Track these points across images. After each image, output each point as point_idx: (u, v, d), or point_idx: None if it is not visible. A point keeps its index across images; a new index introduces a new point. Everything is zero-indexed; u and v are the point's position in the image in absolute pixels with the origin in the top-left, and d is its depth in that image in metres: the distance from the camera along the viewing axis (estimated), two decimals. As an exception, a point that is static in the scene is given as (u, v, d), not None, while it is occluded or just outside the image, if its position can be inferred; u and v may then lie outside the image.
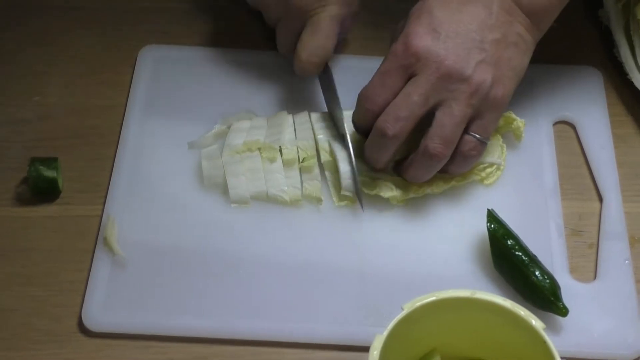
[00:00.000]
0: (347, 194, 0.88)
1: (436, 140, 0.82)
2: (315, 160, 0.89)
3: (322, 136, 0.91)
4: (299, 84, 0.98)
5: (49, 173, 0.88)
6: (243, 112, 0.94)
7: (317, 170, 0.89)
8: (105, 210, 0.88)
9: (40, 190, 0.89)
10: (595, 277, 0.86)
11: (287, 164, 0.89)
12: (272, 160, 0.89)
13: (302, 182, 0.89)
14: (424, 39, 0.81)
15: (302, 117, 0.93)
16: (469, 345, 0.77)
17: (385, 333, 0.70)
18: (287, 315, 0.82)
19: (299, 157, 0.90)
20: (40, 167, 0.88)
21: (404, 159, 0.87)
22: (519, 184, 0.91)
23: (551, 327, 0.82)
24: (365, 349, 0.81)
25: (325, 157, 0.90)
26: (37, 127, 0.95)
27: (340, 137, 0.90)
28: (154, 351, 0.81)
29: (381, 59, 0.85)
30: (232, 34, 1.03)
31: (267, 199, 0.89)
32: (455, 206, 0.89)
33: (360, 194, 0.88)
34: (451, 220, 0.88)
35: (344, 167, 0.88)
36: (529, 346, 0.72)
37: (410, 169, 0.86)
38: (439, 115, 0.82)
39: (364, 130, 0.86)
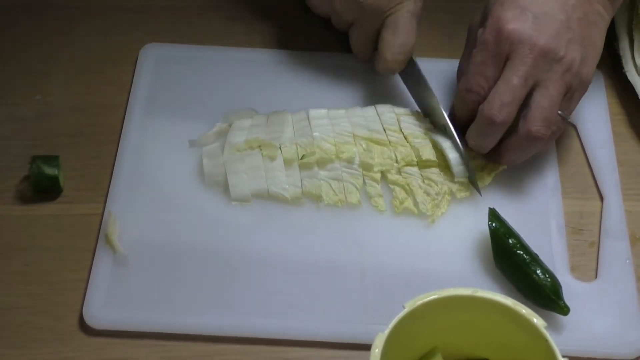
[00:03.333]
0: (462, 179, 0.88)
1: (538, 123, 0.83)
2: (314, 157, 0.89)
3: (318, 134, 0.91)
4: (299, 83, 0.98)
5: (50, 171, 0.88)
6: (244, 110, 0.94)
7: (316, 168, 0.89)
8: (106, 209, 0.88)
9: (42, 188, 0.89)
10: (596, 276, 0.86)
11: (287, 162, 0.89)
12: (272, 158, 0.90)
13: (301, 179, 0.89)
14: (514, 22, 0.82)
15: (301, 114, 0.93)
16: (471, 344, 0.77)
17: (387, 331, 0.70)
18: (288, 313, 0.83)
19: (298, 154, 0.90)
20: (42, 164, 0.88)
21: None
22: (520, 182, 0.91)
23: (552, 325, 0.82)
24: (367, 347, 0.81)
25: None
26: (39, 126, 0.95)
27: (441, 128, 0.90)
28: (156, 349, 0.81)
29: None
30: (232, 32, 1.03)
31: (268, 197, 0.89)
32: (456, 205, 0.89)
33: (475, 180, 0.89)
34: (452, 218, 0.88)
35: (453, 154, 0.89)
36: (531, 344, 0.72)
37: (510, 153, 0.87)
38: (538, 97, 0.83)
39: (465, 121, 0.87)
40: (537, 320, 0.71)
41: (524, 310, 0.72)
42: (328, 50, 1.01)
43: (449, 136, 0.89)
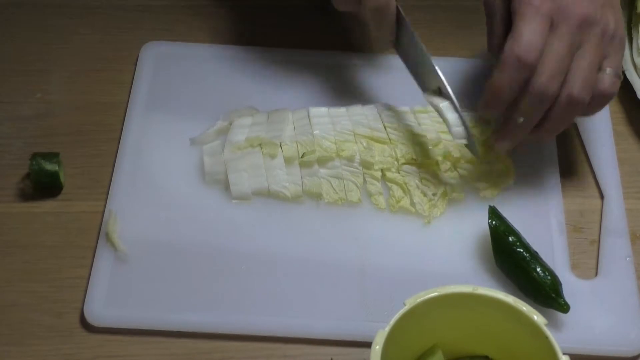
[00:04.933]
0: (461, 141, 0.87)
1: (579, 85, 0.81)
2: (315, 155, 0.89)
3: (319, 132, 0.91)
4: (299, 81, 0.98)
5: (51, 167, 0.88)
6: (245, 109, 0.94)
7: (316, 166, 0.89)
8: (107, 206, 0.88)
9: (42, 185, 0.89)
10: (596, 274, 0.86)
11: (287, 160, 0.89)
12: (273, 157, 0.90)
13: (302, 178, 0.89)
14: None
15: (301, 113, 0.93)
16: (471, 341, 0.78)
17: (387, 328, 0.70)
18: (288, 310, 0.83)
19: (298, 152, 0.90)
20: (42, 161, 0.88)
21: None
22: (521, 180, 0.91)
23: (552, 323, 0.82)
24: (367, 345, 0.81)
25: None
26: (39, 124, 0.96)
27: (436, 90, 0.88)
28: (156, 346, 0.81)
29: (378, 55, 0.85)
30: (233, 31, 1.03)
31: (269, 195, 0.89)
32: (456, 203, 0.89)
33: (474, 143, 0.88)
34: (453, 216, 0.88)
35: (451, 115, 0.87)
36: (531, 342, 0.72)
37: (549, 125, 0.84)
38: (577, 60, 0.82)
39: (510, 91, 0.82)
40: (537, 318, 0.71)
41: (524, 307, 0.72)
42: (328, 49, 1.01)
43: (446, 97, 0.88)
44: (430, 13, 1.04)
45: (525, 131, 0.85)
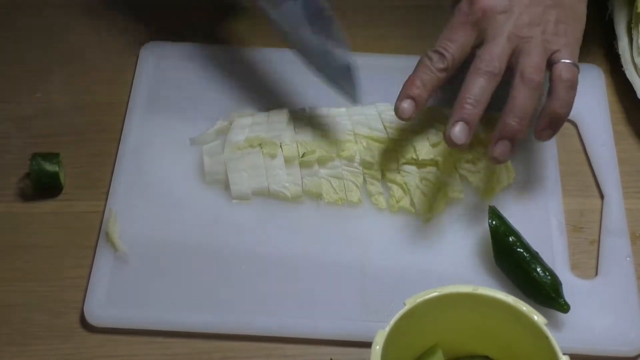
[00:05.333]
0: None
1: (529, 69, 0.82)
2: (315, 155, 0.89)
3: (319, 132, 0.91)
4: (299, 81, 0.98)
5: (51, 167, 0.88)
6: (244, 109, 0.94)
7: (316, 166, 0.90)
8: (107, 206, 0.88)
9: (42, 185, 0.89)
10: (596, 274, 0.86)
11: (287, 160, 0.90)
12: (273, 157, 0.90)
13: (302, 178, 0.89)
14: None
15: (301, 113, 0.93)
16: (471, 341, 0.78)
17: (388, 328, 0.70)
18: (288, 310, 0.83)
19: (298, 152, 0.90)
20: (42, 161, 0.88)
21: None
22: (521, 180, 0.91)
23: (552, 323, 0.82)
24: (367, 345, 0.81)
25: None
26: (39, 124, 0.96)
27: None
28: (156, 346, 0.81)
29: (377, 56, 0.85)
30: (233, 31, 1.03)
31: (269, 195, 0.89)
32: (457, 203, 0.89)
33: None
34: (453, 216, 0.88)
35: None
36: (531, 342, 0.72)
37: (515, 100, 0.83)
38: (521, 58, 0.83)
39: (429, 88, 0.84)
40: (537, 318, 0.71)
41: (524, 307, 0.72)
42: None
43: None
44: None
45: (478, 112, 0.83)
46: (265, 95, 0.97)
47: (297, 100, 0.95)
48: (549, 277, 0.82)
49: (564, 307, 0.81)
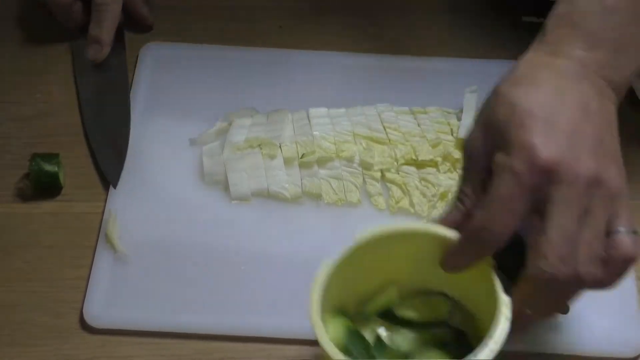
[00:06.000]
0: None
1: (587, 264, 0.67)
2: (314, 156, 0.89)
3: (318, 133, 0.91)
4: (299, 82, 0.98)
5: (50, 167, 0.88)
6: (244, 109, 0.95)
7: (316, 167, 0.90)
8: (106, 207, 0.88)
9: (42, 185, 0.89)
10: (595, 275, 0.86)
11: (287, 161, 0.90)
12: (272, 157, 0.90)
13: (301, 178, 0.89)
14: (548, 147, 0.66)
15: (301, 113, 0.93)
16: (428, 277, 0.76)
17: (333, 261, 0.71)
18: (287, 311, 0.82)
19: (298, 153, 0.90)
20: (42, 161, 0.88)
21: None
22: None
23: (551, 324, 0.82)
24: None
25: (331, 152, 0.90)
26: (39, 124, 0.96)
27: None
28: (156, 347, 0.81)
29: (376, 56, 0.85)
30: (233, 31, 1.03)
31: (268, 196, 0.89)
32: (456, 203, 0.89)
33: None
34: (452, 217, 0.88)
35: None
36: (479, 280, 0.72)
37: (559, 302, 0.72)
38: (583, 231, 0.67)
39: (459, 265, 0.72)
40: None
41: None
42: (328, 50, 1.01)
43: None
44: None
45: (536, 318, 0.72)
46: (264, 95, 0.97)
47: (296, 101, 0.95)
48: (549, 278, 0.82)
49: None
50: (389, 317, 0.78)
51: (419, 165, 0.90)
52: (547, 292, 0.68)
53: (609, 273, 0.69)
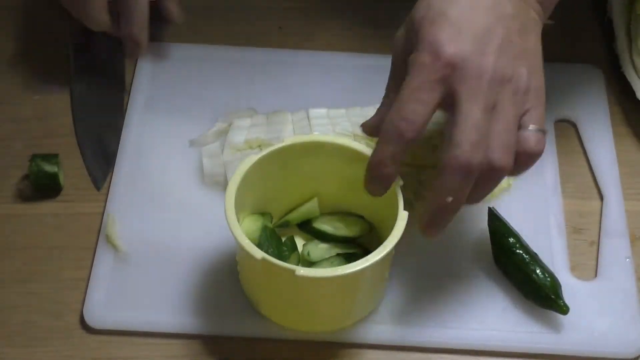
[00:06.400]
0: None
1: (498, 151, 0.72)
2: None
3: (318, 133, 0.91)
4: (299, 82, 0.98)
5: (50, 168, 0.88)
6: (244, 110, 0.94)
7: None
8: (106, 208, 0.88)
9: (42, 186, 0.89)
10: (596, 275, 0.86)
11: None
12: (272, 158, 0.90)
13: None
14: (453, 44, 0.72)
15: (301, 114, 0.93)
16: (348, 199, 0.84)
17: (256, 157, 0.79)
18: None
19: None
20: (41, 162, 0.88)
21: None
22: (520, 182, 0.91)
23: (552, 325, 0.82)
24: (366, 346, 0.81)
25: None
26: (38, 126, 0.96)
27: None
28: (155, 348, 0.81)
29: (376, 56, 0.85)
30: (233, 31, 1.03)
31: (268, 197, 0.89)
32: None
33: None
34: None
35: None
36: (389, 207, 0.77)
37: (474, 192, 0.74)
38: (493, 124, 0.72)
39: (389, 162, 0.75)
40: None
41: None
42: (328, 50, 1.01)
43: None
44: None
45: (455, 209, 0.74)
46: (264, 96, 0.97)
47: (296, 101, 0.95)
48: (549, 279, 0.82)
49: (564, 309, 0.81)
50: (308, 229, 0.85)
51: (419, 166, 0.89)
52: (463, 180, 0.72)
53: (516, 165, 0.74)
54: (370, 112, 0.92)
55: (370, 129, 0.80)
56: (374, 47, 1.02)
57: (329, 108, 0.93)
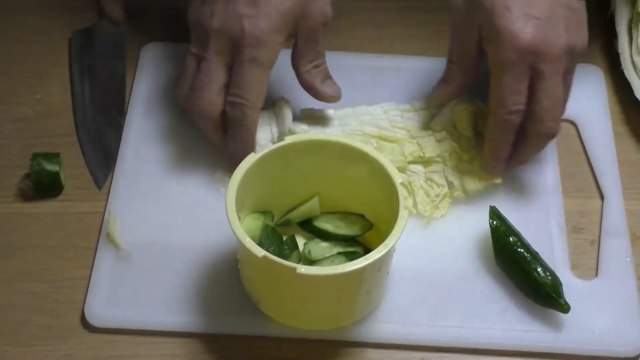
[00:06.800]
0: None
1: (550, 120, 0.84)
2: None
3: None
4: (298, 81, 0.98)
5: (51, 167, 0.88)
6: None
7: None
8: (107, 207, 0.88)
9: (43, 185, 0.89)
10: (596, 275, 0.86)
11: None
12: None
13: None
14: (527, 32, 0.82)
15: (308, 112, 0.93)
16: (348, 198, 0.84)
17: (261, 153, 0.79)
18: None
19: None
20: (43, 161, 0.88)
21: None
22: (521, 181, 0.91)
23: (552, 324, 0.82)
24: (365, 345, 0.81)
25: None
26: (39, 125, 0.96)
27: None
28: (156, 347, 0.81)
29: (382, 56, 0.85)
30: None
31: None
32: (458, 203, 0.89)
33: None
34: (454, 216, 0.88)
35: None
36: (390, 205, 0.78)
37: (528, 152, 0.87)
38: (543, 95, 0.83)
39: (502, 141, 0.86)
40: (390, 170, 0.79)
41: (380, 159, 0.79)
42: (329, 50, 1.01)
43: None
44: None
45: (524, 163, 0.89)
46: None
47: (296, 101, 0.95)
48: (550, 278, 0.82)
49: (564, 308, 0.81)
50: (309, 227, 0.86)
51: (426, 162, 0.90)
52: (544, 145, 0.87)
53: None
54: (376, 110, 0.93)
55: (447, 96, 0.90)
56: (374, 46, 1.02)
57: (336, 108, 0.93)
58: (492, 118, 0.85)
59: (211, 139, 0.88)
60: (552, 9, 0.83)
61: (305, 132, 0.89)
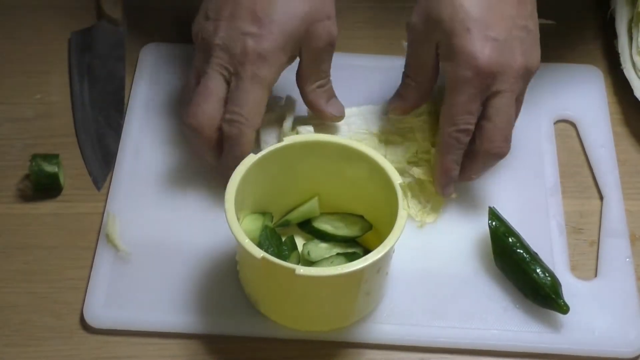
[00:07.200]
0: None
1: (500, 140, 0.84)
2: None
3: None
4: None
5: (50, 168, 0.88)
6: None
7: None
8: (106, 208, 0.88)
9: (42, 186, 0.89)
10: (596, 275, 0.86)
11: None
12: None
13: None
14: (485, 53, 0.81)
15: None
16: (348, 199, 0.84)
17: (259, 155, 0.79)
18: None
19: None
20: (42, 162, 0.88)
21: None
22: (520, 182, 0.91)
23: (552, 324, 0.82)
24: (363, 346, 0.81)
25: None
26: (39, 125, 0.96)
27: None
28: (155, 347, 0.81)
29: (382, 57, 0.85)
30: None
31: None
32: (457, 204, 0.89)
33: None
34: (453, 217, 0.88)
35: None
36: (389, 206, 0.78)
37: (470, 170, 0.86)
38: (494, 116, 0.83)
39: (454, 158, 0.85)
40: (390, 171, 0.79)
41: (380, 160, 0.79)
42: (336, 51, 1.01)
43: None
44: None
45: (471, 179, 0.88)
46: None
47: (297, 102, 0.95)
48: (549, 278, 0.82)
49: (564, 308, 0.81)
50: (308, 228, 0.86)
51: (425, 161, 0.89)
52: (493, 165, 0.86)
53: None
54: (380, 109, 0.93)
55: (402, 110, 0.90)
56: (374, 46, 1.02)
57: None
58: (440, 135, 0.85)
59: (203, 156, 0.87)
60: (510, 31, 0.82)
61: (310, 133, 0.89)
